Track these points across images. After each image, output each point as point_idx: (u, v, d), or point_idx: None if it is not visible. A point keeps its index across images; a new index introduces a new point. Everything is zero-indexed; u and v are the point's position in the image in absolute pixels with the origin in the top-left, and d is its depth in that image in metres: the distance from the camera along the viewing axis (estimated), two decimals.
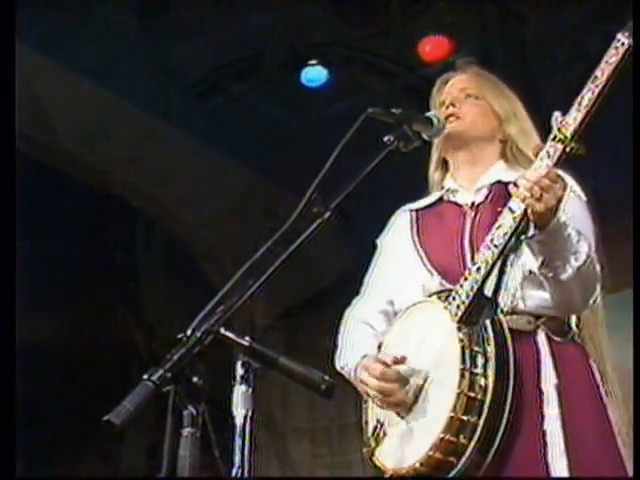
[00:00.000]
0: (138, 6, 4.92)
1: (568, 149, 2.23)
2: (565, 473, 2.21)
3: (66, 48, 4.99)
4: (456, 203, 2.58)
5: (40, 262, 5.94)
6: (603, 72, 2.25)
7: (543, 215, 2.21)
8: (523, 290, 2.38)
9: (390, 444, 2.38)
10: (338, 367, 2.54)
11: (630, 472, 2.29)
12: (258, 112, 5.50)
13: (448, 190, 2.62)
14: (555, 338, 2.38)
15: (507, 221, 2.28)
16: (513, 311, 2.37)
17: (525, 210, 2.24)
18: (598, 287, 2.36)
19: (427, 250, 2.53)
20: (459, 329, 2.27)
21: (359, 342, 2.54)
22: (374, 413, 2.44)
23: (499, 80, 2.72)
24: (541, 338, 2.37)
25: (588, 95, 2.25)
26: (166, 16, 5.01)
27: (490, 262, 2.28)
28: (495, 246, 2.28)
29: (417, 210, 2.65)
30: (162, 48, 5.18)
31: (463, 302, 2.29)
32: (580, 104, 2.24)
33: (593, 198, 2.50)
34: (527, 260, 2.35)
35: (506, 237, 2.27)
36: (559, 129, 2.24)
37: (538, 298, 2.38)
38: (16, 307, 2.91)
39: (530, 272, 2.37)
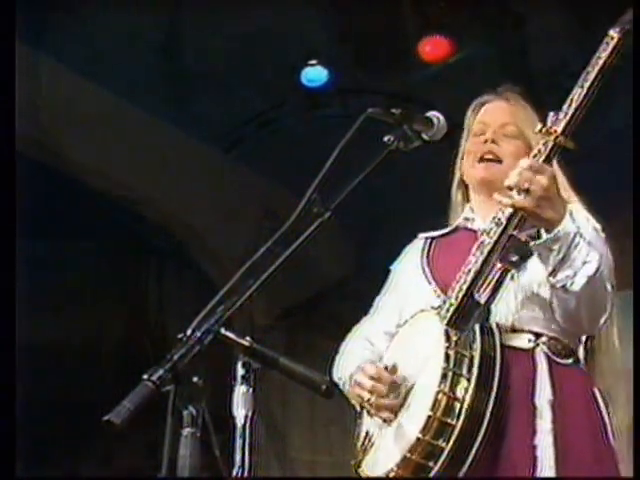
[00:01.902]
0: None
1: (557, 142, 2.22)
2: None
3: (71, 50, 5.00)
4: (471, 229, 2.59)
5: (45, 263, 5.95)
6: (593, 67, 2.26)
7: (534, 212, 2.19)
8: (525, 308, 2.38)
9: (373, 452, 2.38)
10: (335, 378, 2.56)
11: None
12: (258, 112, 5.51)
13: (466, 219, 2.64)
14: (555, 359, 2.37)
15: (496, 224, 2.31)
16: (513, 329, 2.37)
17: (512, 212, 2.24)
18: (608, 307, 2.33)
19: (432, 268, 2.55)
20: (446, 332, 2.26)
21: (356, 355, 2.56)
22: (366, 424, 2.44)
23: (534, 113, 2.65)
24: (540, 356, 2.36)
25: (578, 91, 2.25)
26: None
27: (479, 263, 2.29)
28: (484, 246, 2.31)
29: (433, 237, 2.67)
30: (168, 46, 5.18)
31: (452, 304, 2.31)
32: (571, 100, 2.25)
33: (591, 198, 2.50)
34: (532, 280, 2.35)
35: (494, 237, 2.29)
36: (550, 126, 2.25)
37: (540, 317, 2.37)
38: (16, 307, 2.92)
39: (533, 293, 2.37)
